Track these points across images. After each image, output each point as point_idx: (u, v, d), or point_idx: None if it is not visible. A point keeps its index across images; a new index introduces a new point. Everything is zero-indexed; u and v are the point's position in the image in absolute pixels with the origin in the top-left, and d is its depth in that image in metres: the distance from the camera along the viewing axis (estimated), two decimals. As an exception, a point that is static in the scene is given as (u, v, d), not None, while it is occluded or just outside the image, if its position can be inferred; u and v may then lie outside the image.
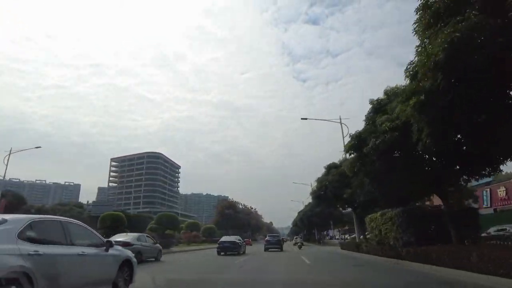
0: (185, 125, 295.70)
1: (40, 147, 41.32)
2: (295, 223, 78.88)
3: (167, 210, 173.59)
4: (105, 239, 6.40)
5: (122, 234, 18.25)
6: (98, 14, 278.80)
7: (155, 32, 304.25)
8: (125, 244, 13.07)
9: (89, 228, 6.28)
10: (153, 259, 17.82)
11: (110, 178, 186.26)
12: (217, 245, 24.58)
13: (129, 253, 7.15)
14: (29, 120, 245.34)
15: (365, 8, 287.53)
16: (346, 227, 64.65)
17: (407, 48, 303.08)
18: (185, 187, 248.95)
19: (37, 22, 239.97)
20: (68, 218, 6.03)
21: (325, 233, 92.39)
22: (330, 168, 26.06)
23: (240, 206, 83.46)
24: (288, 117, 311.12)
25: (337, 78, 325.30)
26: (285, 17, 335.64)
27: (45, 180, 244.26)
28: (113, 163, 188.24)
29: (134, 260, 7.17)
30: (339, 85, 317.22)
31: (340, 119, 28.54)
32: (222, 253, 22.83)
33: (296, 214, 75.54)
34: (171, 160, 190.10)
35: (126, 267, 6.70)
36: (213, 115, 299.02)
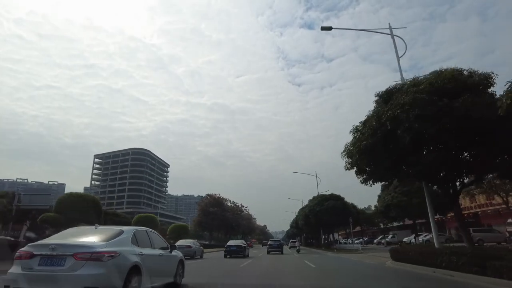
0: (179, 128, 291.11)
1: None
2: (294, 223, 64.69)
3: (152, 211, 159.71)
4: (170, 244, 8.50)
5: (184, 240, 27.35)
6: (92, 14, 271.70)
7: (150, 33, 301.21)
8: (187, 247, 23.21)
9: (160, 235, 8.21)
10: (199, 257, 25.15)
11: (93, 176, 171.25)
12: (224, 249, 26.41)
13: (181, 254, 9.07)
14: (20, 120, 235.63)
15: (360, 13, 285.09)
16: (344, 231, 51.86)
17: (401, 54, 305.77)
18: (177, 190, 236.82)
19: (29, 21, 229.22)
20: (150, 229, 7.86)
21: (325, 236, 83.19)
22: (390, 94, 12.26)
23: (229, 204, 69.55)
24: (282, 121, 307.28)
25: (332, 82, 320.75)
26: (280, 21, 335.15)
27: (26, 179, 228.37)
28: (97, 160, 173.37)
29: (184, 259, 9.12)
30: (334, 90, 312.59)
31: (391, 28, 17.46)
32: (228, 256, 24.54)
33: (293, 216, 61.44)
34: (158, 158, 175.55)
35: (181, 264, 8.58)
36: (207, 118, 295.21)
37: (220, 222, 63.77)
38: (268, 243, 37.25)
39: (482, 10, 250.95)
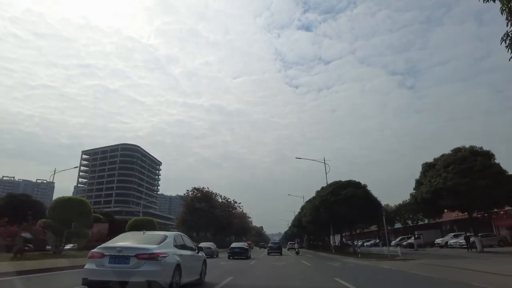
0: (176, 129, 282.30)
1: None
2: (296, 221, 53.96)
3: (142, 210, 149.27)
4: (197, 245, 10.04)
5: (205, 242, 31.15)
6: (88, 13, 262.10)
7: (147, 34, 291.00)
8: (208, 248, 25.43)
9: (189, 238, 9.63)
10: (216, 256, 28.42)
11: (81, 173, 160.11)
12: (228, 250, 27.76)
13: (205, 255, 10.24)
14: (15, 120, 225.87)
15: (357, 16, 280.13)
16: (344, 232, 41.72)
17: (398, 57, 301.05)
18: (174, 191, 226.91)
19: (25, 19, 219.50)
20: (182, 233, 9.45)
21: (326, 238, 77.25)
22: None
23: (219, 200, 59.07)
24: (280, 123, 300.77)
25: (329, 85, 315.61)
26: (278, 22, 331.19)
27: (13, 177, 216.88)
28: (84, 156, 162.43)
29: (206, 260, 10.20)
30: (331, 92, 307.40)
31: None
32: (231, 257, 25.69)
33: (291, 216, 51.03)
34: (150, 155, 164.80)
35: (204, 264, 9.66)
36: (204, 120, 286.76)
37: (209, 220, 53.33)
38: (269, 245, 43.00)
39: (478, 15, 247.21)
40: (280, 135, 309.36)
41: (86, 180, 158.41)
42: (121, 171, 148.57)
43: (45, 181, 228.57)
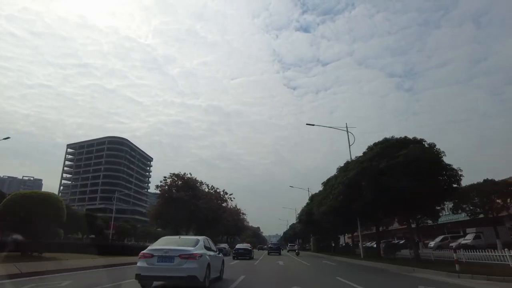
0: (173, 130, 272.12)
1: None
2: (304, 214, 40.87)
3: (129, 208, 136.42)
4: (217, 247, 12.85)
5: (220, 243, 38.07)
6: (85, 12, 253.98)
7: (145, 33, 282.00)
8: (224, 248, 28.49)
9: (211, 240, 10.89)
10: (228, 255, 29.79)
11: (65, 168, 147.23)
12: (233, 251, 29.30)
13: (223, 256, 12.30)
14: (11, 119, 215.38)
15: (356, 18, 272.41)
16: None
17: (396, 59, 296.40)
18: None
19: (22, 18, 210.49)
20: (207, 237, 10.68)
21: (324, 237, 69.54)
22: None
23: (205, 189, 46.53)
24: (278, 124, 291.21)
25: (327, 86, 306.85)
26: (276, 23, 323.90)
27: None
28: (69, 150, 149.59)
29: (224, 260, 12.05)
30: (329, 94, 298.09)
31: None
32: (235, 258, 26.55)
33: (290, 217, 38.37)
34: (140, 150, 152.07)
35: (222, 263, 11.33)
36: (202, 120, 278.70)
37: (190, 214, 40.85)
38: (269, 246, 47.89)
39: (476, 17, 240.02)
40: (278, 137, 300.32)
41: (70, 176, 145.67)
42: (107, 166, 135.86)
43: (31, 178, 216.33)
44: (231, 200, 49.12)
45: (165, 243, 8.83)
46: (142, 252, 8.18)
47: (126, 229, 62.00)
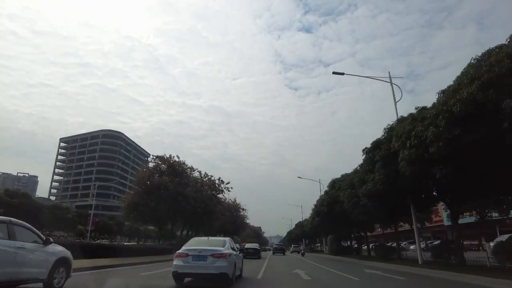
0: (175, 130, 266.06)
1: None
2: (320, 210, 31.51)
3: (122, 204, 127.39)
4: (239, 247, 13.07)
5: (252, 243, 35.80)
6: (88, 12, 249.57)
7: (146, 33, 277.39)
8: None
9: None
10: None
11: (58, 163, 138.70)
12: (244, 250, 26.64)
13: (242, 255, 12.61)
14: (13, 118, 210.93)
15: (358, 18, 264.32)
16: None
17: (398, 61, 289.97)
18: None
19: (23, 17, 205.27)
20: (230, 238, 11.56)
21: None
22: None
23: (196, 175, 37.37)
24: (279, 125, 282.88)
25: (329, 88, 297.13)
26: (278, 24, 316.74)
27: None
28: (62, 144, 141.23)
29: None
30: (331, 95, 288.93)
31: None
32: (244, 257, 24.76)
33: (294, 216, 29.11)
34: (136, 144, 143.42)
35: (242, 262, 11.85)
36: (204, 121, 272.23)
37: (175, 205, 31.77)
38: (274, 246, 51.49)
39: (479, 19, 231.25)
40: (279, 137, 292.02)
41: (63, 171, 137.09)
42: (101, 161, 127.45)
43: (26, 175, 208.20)
44: (229, 191, 39.83)
45: (196, 243, 9.74)
46: (177, 251, 9.13)
47: (108, 226, 53.03)
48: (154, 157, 35.40)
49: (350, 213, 20.96)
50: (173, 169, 34.71)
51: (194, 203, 31.75)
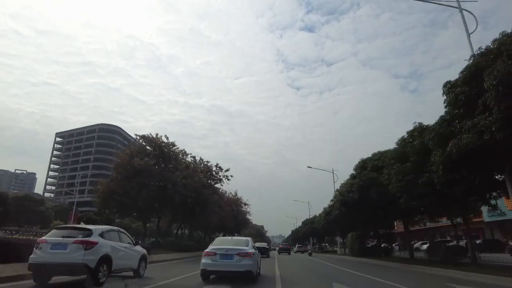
0: (177, 129, 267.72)
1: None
2: (346, 198, 24.88)
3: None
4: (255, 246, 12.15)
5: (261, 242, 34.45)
6: (90, 11, 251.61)
7: (148, 32, 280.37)
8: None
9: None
10: None
11: (53, 159, 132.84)
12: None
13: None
14: (16, 117, 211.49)
15: (361, 18, 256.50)
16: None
17: (401, 60, 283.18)
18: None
19: (26, 16, 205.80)
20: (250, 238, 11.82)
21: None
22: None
23: (188, 160, 30.75)
24: (281, 125, 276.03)
25: (331, 87, 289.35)
26: (280, 23, 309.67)
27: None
28: (58, 139, 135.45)
29: None
30: (333, 95, 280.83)
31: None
32: None
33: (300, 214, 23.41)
34: (133, 139, 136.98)
35: (260, 260, 11.82)
36: (205, 120, 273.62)
37: (160, 193, 25.42)
38: (280, 246, 49.66)
39: (483, 18, 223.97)
40: (281, 137, 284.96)
41: (58, 167, 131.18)
42: (97, 156, 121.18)
43: (24, 172, 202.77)
44: (228, 180, 33.20)
45: (221, 243, 10.24)
46: (206, 250, 9.51)
47: (93, 221, 46.54)
48: (138, 137, 29.03)
49: (395, 198, 14.43)
50: (161, 152, 28.31)
51: (184, 191, 25.26)
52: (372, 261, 21.25)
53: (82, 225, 9.92)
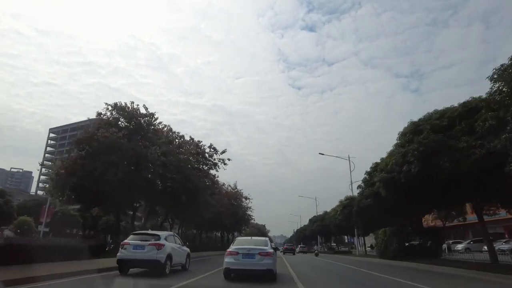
0: (178, 129, 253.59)
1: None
2: (349, 203, 18.92)
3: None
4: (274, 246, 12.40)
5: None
6: (91, 11, 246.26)
7: (149, 32, 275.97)
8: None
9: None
10: None
11: (46, 155, 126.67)
12: None
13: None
14: (17, 117, 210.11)
15: (362, 17, 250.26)
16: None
17: (403, 59, 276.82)
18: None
19: (27, 16, 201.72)
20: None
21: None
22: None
23: (173, 136, 24.30)
24: (282, 125, 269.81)
25: (332, 87, 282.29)
26: (281, 22, 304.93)
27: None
28: (52, 135, 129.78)
29: None
30: (334, 94, 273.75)
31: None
32: None
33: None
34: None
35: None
36: (206, 120, 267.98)
37: (133, 175, 18.98)
38: (285, 247, 49.20)
39: (485, 17, 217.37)
40: (283, 137, 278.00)
41: (51, 163, 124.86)
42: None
43: (20, 170, 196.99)
44: (225, 164, 26.47)
45: (242, 243, 10.62)
46: (228, 250, 10.09)
47: (70, 218, 40.36)
48: (109, 106, 22.43)
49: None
50: (138, 124, 21.84)
51: (164, 171, 18.75)
52: (426, 266, 14.73)
53: (151, 231, 13.12)
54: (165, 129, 24.30)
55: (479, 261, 15.44)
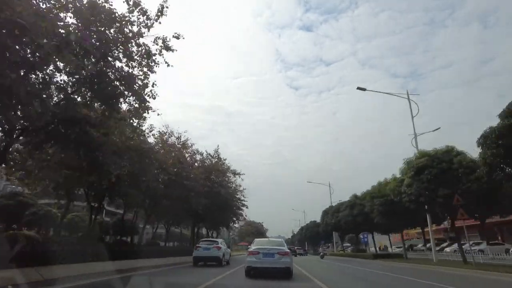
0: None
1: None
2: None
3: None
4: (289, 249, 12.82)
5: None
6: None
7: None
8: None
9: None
10: None
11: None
12: None
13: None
14: None
15: (359, 17, 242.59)
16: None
17: (400, 60, 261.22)
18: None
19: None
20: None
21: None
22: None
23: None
24: (280, 125, 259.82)
25: (330, 87, 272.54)
26: (279, 22, 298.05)
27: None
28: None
29: None
30: (332, 95, 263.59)
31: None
32: None
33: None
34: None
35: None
36: (204, 120, 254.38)
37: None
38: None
39: (483, 17, 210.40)
40: (281, 137, 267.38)
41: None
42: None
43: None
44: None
45: (261, 243, 11.99)
46: (249, 250, 11.62)
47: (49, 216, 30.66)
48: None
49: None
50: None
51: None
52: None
53: (212, 238, 23.14)
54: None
55: None
